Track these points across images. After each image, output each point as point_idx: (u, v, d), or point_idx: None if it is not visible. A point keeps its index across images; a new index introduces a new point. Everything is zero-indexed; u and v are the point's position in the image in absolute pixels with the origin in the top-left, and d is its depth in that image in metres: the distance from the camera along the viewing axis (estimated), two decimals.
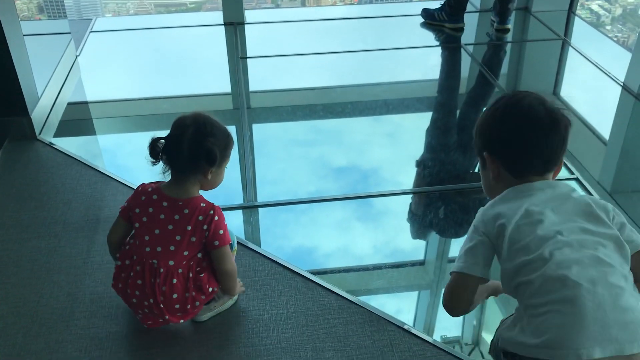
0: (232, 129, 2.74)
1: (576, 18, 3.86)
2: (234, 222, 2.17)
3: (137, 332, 1.68)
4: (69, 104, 2.96)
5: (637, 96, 2.98)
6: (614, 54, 3.58)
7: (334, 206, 2.29)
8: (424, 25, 3.83)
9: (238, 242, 1.98)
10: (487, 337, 1.84)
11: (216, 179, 1.58)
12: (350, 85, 3.26)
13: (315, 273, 1.92)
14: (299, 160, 2.58)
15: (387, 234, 2.18)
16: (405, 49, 3.57)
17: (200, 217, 1.52)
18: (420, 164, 2.57)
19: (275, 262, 1.92)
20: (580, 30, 3.80)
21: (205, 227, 1.52)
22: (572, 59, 3.44)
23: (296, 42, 3.68)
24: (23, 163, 2.42)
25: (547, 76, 3.36)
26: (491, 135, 1.34)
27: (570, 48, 3.54)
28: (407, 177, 2.51)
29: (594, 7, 4.66)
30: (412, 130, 2.89)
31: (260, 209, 2.26)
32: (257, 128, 2.86)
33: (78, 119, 2.94)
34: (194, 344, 1.65)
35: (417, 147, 2.75)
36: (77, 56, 3.36)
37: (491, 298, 1.52)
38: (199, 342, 1.65)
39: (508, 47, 3.69)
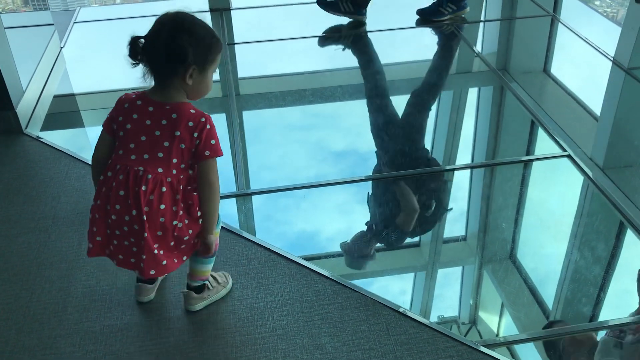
0: (221, 117, 2.74)
1: None
2: (227, 211, 2.15)
3: (131, 325, 1.66)
4: (55, 96, 2.92)
5: (627, 71, 2.96)
6: (603, 28, 3.56)
7: (331, 191, 2.27)
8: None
9: (231, 231, 1.97)
10: (484, 316, 1.84)
11: (200, 86, 1.44)
12: (339, 69, 3.23)
13: (309, 259, 1.90)
14: (293, 145, 2.56)
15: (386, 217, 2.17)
16: (392, 30, 3.53)
17: (191, 124, 1.41)
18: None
19: (269, 249, 1.91)
20: (569, 5, 3.77)
21: (195, 134, 1.41)
22: (562, 35, 3.42)
23: (283, 27, 3.63)
24: (10, 158, 2.39)
25: (537, 52, 3.34)
26: None
27: (559, 24, 3.52)
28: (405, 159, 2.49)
29: None
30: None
31: (254, 197, 2.25)
32: (247, 115, 2.83)
33: (65, 111, 2.90)
34: (189, 334, 1.64)
35: (411, 129, 2.72)
36: (61, 48, 3.31)
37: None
38: (194, 332, 1.64)
39: (497, 24, 3.66)
